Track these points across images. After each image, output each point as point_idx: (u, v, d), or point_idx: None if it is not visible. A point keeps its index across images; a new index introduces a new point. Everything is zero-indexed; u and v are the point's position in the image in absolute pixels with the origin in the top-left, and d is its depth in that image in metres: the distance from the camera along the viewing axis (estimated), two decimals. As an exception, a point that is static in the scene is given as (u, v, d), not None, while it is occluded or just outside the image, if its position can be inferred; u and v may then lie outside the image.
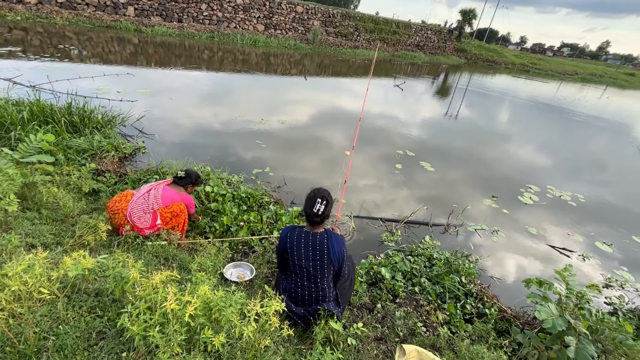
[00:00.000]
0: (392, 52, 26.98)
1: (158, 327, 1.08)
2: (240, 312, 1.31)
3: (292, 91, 10.80)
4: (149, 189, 2.55)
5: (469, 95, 15.30)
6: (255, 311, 1.27)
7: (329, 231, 1.94)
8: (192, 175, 2.80)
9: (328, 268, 1.89)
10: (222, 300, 1.24)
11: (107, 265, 1.38)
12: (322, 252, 1.85)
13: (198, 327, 1.20)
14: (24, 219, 2.13)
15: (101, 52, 11.55)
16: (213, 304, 1.22)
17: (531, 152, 8.02)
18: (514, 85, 22.60)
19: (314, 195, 1.86)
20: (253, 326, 1.23)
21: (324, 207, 1.82)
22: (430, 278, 3.06)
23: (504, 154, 7.44)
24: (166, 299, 1.15)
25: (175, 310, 1.13)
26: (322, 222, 1.89)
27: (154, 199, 2.49)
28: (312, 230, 1.90)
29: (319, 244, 1.86)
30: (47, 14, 14.83)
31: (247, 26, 21.10)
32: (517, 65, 37.57)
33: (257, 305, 1.29)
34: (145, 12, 17.81)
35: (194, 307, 1.14)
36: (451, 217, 4.30)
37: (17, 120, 3.96)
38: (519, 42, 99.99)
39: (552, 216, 4.81)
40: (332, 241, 1.89)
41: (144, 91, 7.50)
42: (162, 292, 1.17)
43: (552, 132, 10.87)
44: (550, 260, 3.83)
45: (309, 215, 1.85)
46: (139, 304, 1.13)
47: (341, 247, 1.92)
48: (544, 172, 6.63)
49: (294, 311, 1.83)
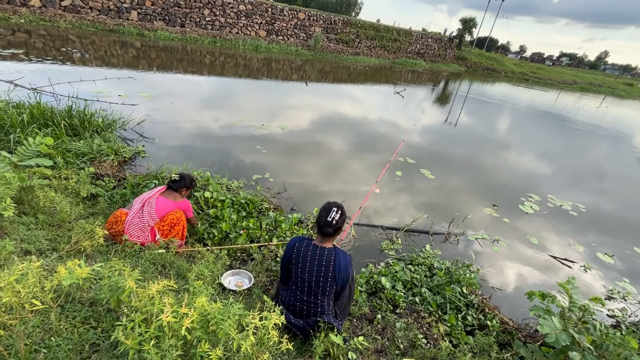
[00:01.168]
0: (392, 59, 27.16)
1: (153, 341, 1.04)
2: (239, 324, 1.28)
3: (293, 97, 10.82)
4: (142, 204, 2.47)
5: (469, 102, 15.36)
6: (254, 324, 1.23)
7: (337, 248, 1.90)
8: (185, 178, 2.74)
9: (330, 286, 1.84)
10: (219, 313, 1.21)
11: (102, 274, 1.34)
12: (327, 269, 1.81)
13: (195, 341, 1.17)
14: (19, 224, 2.10)
15: (104, 56, 11.59)
16: (210, 317, 1.18)
17: (531, 160, 8.02)
18: (513, 93, 22.74)
19: (329, 205, 1.85)
20: (252, 340, 1.20)
21: (339, 217, 1.79)
22: (431, 288, 3.02)
23: (504, 162, 7.43)
24: (162, 311, 1.11)
25: (171, 323, 1.09)
26: (334, 235, 1.85)
27: (148, 216, 2.43)
28: (321, 244, 1.86)
29: (326, 260, 1.82)
30: (50, 17, 14.92)
31: (249, 32, 21.25)
32: (517, 74, 37.85)
33: (257, 318, 1.26)
34: (148, 16, 17.93)
35: (190, 320, 1.11)
36: (452, 225, 4.27)
37: (17, 123, 3.95)
38: (519, 51, 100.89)
39: (553, 226, 4.79)
40: (339, 258, 1.84)
41: (145, 95, 7.51)
42: (158, 303, 1.14)
43: (552, 140, 10.90)
44: (551, 271, 3.80)
45: (323, 225, 1.81)
46: (134, 316, 1.10)
47: (347, 267, 1.87)
48: (544, 180, 6.62)
49: (292, 322, 1.80)
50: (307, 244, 1.86)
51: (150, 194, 2.54)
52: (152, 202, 2.48)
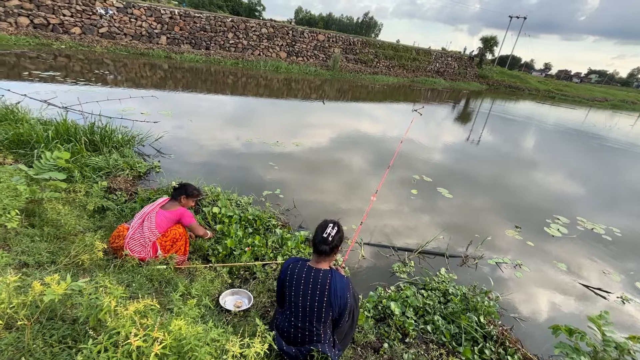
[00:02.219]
0: (411, 78, 27.19)
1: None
2: (220, 350, 1.18)
3: (309, 115, 10.93)
4: (142, 219, 2.45)
5: (492, 120, 14.97)
6: (233, 352, 1.13)
7: (334, 271, 1.76)
8: (185, 186, 2.70)
9: (326, 313, 1.70)
10: (196, 338, 1.12)
11: (85, 290, 1.29)
12: (322, 293, 1.68)
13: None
14: (24, 236, 2.13)
15: (134, 77, 12.28)
16: (185, 342, 1.10)
17: (559, 180, 7.57)
18: (538, 111, 22.00)
19: (325, 222, 1.76)
20: (229, 370, 1.09)
21: (335, 233, 1.69)
22: (444, 316, 2.79)
23: (528, 182, 7.05)
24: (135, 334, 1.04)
25: (141, 347, 1.01)
26: (331, 254, 1.73)
27: (148, 231, 2.40)
28: (317, 265, 1.75)
29: (321, 283, 1.69)
30: (88, 43, 16.12)
31: (270, 53, 22.02)
32: (542, 92, 36.78)
33: (236, 346, 1.15)
34: (176, 40, 19.02)
35: (162, 345, 1.03)
36: (470, 248, 4.01)
37: (42, 139, 4.15)
38: (544, 68, 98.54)
39: (583, 251, 4.40)
40: (334, 282, 1.70)
41: (167, 112, 7.80)
42: (128, 325, 1.06)
43: (582, 159, 10.31)
44: (583, 301, 3.45)
45: (318, 242, 1.70)
46: (102, 339, 1.03)
47: (345, 292, 1.72)
48: (573, 202, 6.20)
49: (284, 350, 1.67)
50: (301, 265, 1.74)
51: (151, 207, 2.53)
52: (152, 216, 2.45)
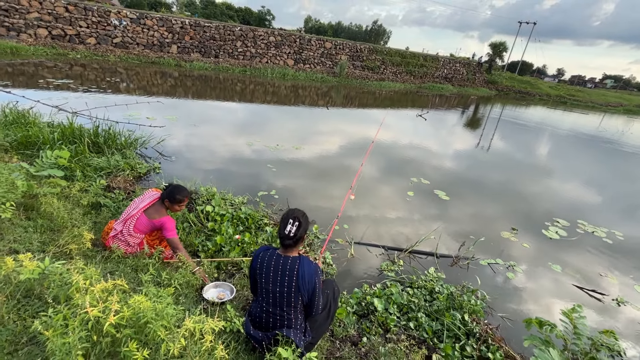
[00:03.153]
0: (418, 84, 27.19)
1: (76, 334, 1.03)
2: (177, 325, 1.24)
3: (312, 120, 11.06)
4: (125, 220, 2.47)
5: (492, 123, 14.82)
6: (186, 327, 1.19)
7: (302, 257, 1.83)
8: (173, 190, 2.59)
9: (296, 297, 1.76)
10: (153, 312, 1.18)
11: (58, 271, 1.38)
12: (290, 279, 1.74)
13: (124, 340, 1.14)
14: (19, 227, 2.26)
15: (145, 85, 12.67)
16: (142, 315, 1.16)
17: (563, 184, 7.44)
18: (546, 115, 21.65)
19: (287, 216, 1.79)
20: (182, 343, 1.15)
21: (296, 229, 1.73)
22: (429, 313, 2.80)
23: (530, 186, 6.95)
24: (93, 305, 1.11)
25: (98, 318, 1.09)
26: (295, 245, 1.80)
27: (128, 235, 2.43)
28: (285, 253, 1.81)
29: (289, 270, 1.75)
30: (102, 52, 16.74)
31: (277, 61, 22.41)
32: (553, 97, 36.21)
33: (190, 321, 1.22)
34: (186, 49, 19.57)
35: (118, 316, 1.10)
36: (462, 249, 3.99)
37: (49, 140, 4.36)
38: (556, 74, 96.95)
39: (581, 254, 4.32)
40: (302, 268, 1.76)
41: (171, 117, 8.03)
42: (89, 298, 1.14)
43: (589, 163, 10.10)
44: (576, 303, 3.37)
45: (281, 237, 1.78)
46: (62, 309, 1.11)
47: (313, 277, 1.77)
48: (576, 205, 6.08)
49: (251, 334, 1.72)
50: (271, 253, 1.81)
51: (136, 208, 2.52)
52: (133, 221, 2.46)
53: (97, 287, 1.28)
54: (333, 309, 2.11)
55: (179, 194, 2.65)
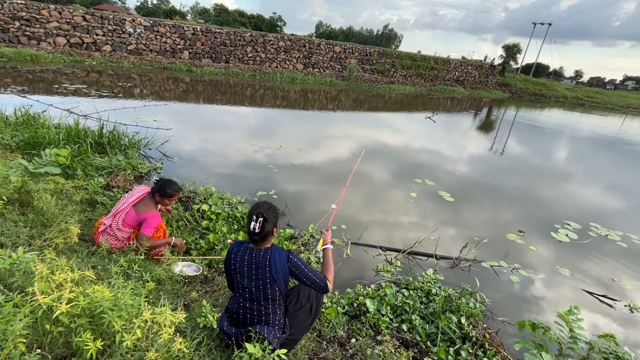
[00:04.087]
0: (429, 87, 26.90)
1: (25, 321, 1.01)
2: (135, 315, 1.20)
3: (318, 123, 11.04)
4: (116, 212, 2.48)
5: (509, 127, 14.45)
6: (143, 319, 1.15)
7: (273, 246, 1.79)
8: (164, 184, 2.61)
9: (272, 288, 1.71)
10: (111, 303, 1.15)
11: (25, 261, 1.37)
12: (264, 271, 1.70)
13: (79, 329, 1.11)
14: (8, 220, 2.29)
15: (158, 90, 12.96)
16: (98, 305, 1.13)
17: (576, 186, 7.15)
18: (563, 117, 21.01)
19: (251, 213, 1.73)
20: (137, 335, 1.11)
21: (260, 225, 1.68)
22: (423, 316, 2.69)
23: (541, 187, 6.70)
24: (47, 293, 1.09)
25: (51, 306, 1.06)
26: (264, 240, 1.75)
27: (117, 230, 2.44)
28: (257, 246, 1.77)
29: (261, 262, 1.71)
30: (117, 59, 17.26)
31: (287, 65, 22.60)
32: (570, 99, 35.20)
33: (148, 312, 1.18)
34: (197, 55, 19.97)
35: (71, 305, 1.07)
36: (464, 250, 3.85)
37: (54, 140, 4.47)
38: (574, 76, 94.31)
39: (593, 257, 4.11)
40: (274, 257, 1.72)
41: (178, 120, 8.16)
42: (43, 286, 1.12)
43: (607, 165, 9.70)
44: (585, 308, 3.19)
45: (249, 233, 1.74)
46: (14, 296, 1.09)
47: (285, 262, 1.73)
48: (589, 208, 5.82)
49: (224, 330, 1.67)
50: (244, 248, 1.77)
51: (125, 203, 2.55)
52: (121, 216, 2.47)
53: (59, 277, 1.26)
54: (316, 307, 2.04)
55: (170, 188, 2.65)
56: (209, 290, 2.49)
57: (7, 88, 9.42)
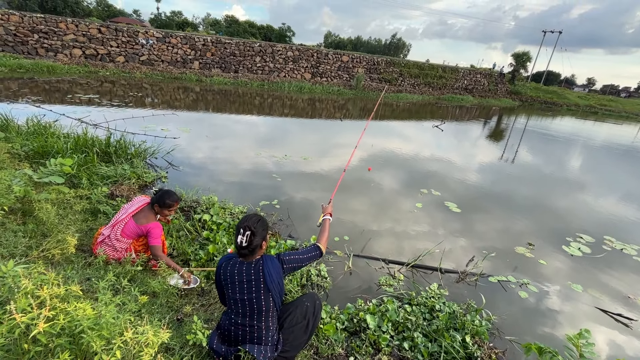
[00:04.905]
0: (437, 96, 26.78)
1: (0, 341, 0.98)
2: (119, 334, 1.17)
3: (324, 132, 11.04)
4: (115, 223, 2.49)
5: (519, 135, 14.21)
6: (123, 339, 1.12)
7: (264, 256, 1.76)
8: (163, 195, 2.63)
9: (266, 300, 1.67)
10: (92, 322, 1.12)
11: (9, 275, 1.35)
12: (257, 281, 1.66)
13: (57, 350, 1.08)
14: (8, 230, 2.30)
15: (168, 100, 13.21)
16: (76, 323, 1.10)
17: (589, 197, 6.92)
18: (575, 125, 20.59)
19: (239, 226, 1.69)
20: (117, 356, 1.07)
21: (247, 239, 1.64)
22: (426, 333, 2.58)
23: (552, 198, 6.51)
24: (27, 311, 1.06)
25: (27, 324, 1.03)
26: (252, 254, 1.71)
27: (115, 240, 2.44)
28: (246, 260, 1.73)
29: (254, 272, 1.68)
30: (129, 69, 17.71)
31: (295, 75, 22.83)
32: (582, 107, 34.58)
33: (130, 332, 1.14)
34: (207, 65, 20.36)
35: (49, 324, 1.04)
36: (471, 264, 3.72)
37: (62, 149, 4.55)
38: (586, 84, 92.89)
39: (607, 273, 3.93)
40: (267, 266, 1.70)
41: (185, 129, 8.26)
42: (23, 303, 1.09)
43: (622, 175, 9.40)
44: (599, 328, 3.04)
45: (237, 247, 1.70)
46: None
47: (278, 268, 1.72)
48: (602, 220, 5.61)
49: (214, 348, 1.62)
50: (234, 262, 1.73)
51: (124, 213, 2.55)
52: (121, 226, 2.48)
53: (44, 292, 1.23)
54: (312, 324, 1.98)
55: (169, 199, 2.66)
56: (205, 303, 2.44)
57: (24, 98, 9.72)
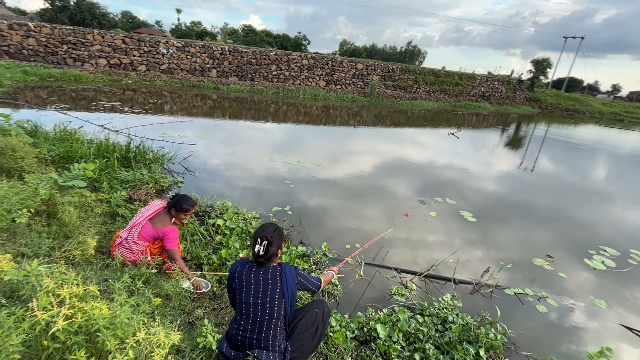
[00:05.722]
0: (453, 103, 26.44)
1: (21, 338, 1.04)
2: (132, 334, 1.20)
3: (338, 139, 11.07)
4: (132, 226, 2.57)
5: (539, 143, 13.81)
6: (136, 339, 1.15)
7: (282, 264, 1.80)
8: (179, 200, 2.71)
9: (279, 305, 1.70)
10: (108, 321, 1.16)
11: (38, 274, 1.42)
12: (274, 286, 1.72)
13: (74, 347, 1.13)
14: (33, 232, 2.42)
15: (186, 107, 13.59)
16: (93, 322, 1.14)
17: (615, 209, 6.64)
18: (600, 133, 19.85)
19: (256, 235, 1.76)
20: (129, 356, 1.11)
21: (264, 248, 1.70)
22: (438, 345, 2.53)
23: (575, 209, 6.28)
24: (46, 308, 1.11)
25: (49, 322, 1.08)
26: (269, 262, 1.77)
27: (132, 243, 2.51)
28: (261, 267, 1.77)
29: (271, 278, 1.73)
30: (150, 77, 18.38)
31: (310, 83, 23.08)
32: (607, 115, 33.34)
33: (142, 333, 1.17)
34: (225, 73, 20.88)
35: (68, 322, 1.08)
36: (486, 275, 3.63)
37: (85, 155, 4.75)
38: (611, 90, 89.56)
39: (633, 288, 3.74)
40: (285, 273, 1.76)
41: (202, 135, 8.47)
42: (44, 301, 1.15)
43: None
44: (622, 346, 2.89)
45: (254, 256, 1.75)
46: (16, 310, 1.12)
47: (295, 276, 1.80)
48: (629, 233, 5.36)
49: (223, 352, 1.64)
50: (249, 266, 1.77)
51: (141, 217, 2.64)
52: (137, 229, 2.56)
53: (64, 291, 1.29)
54: (321, 330, 1.98)
55: (185, 203, 2.74)
56: (217, 307, 2.48)
57: (52, 105, 10.22)
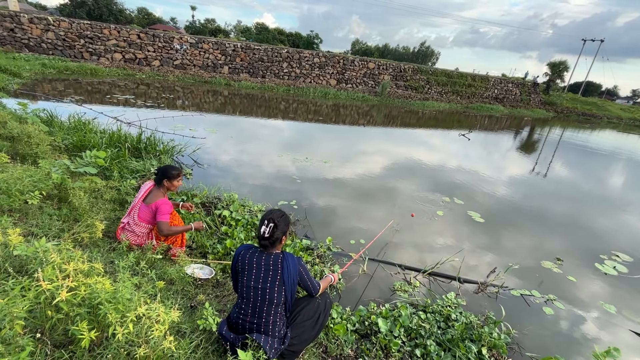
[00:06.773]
0: (465, 105, 26.08)
1: (26, 306, 1.06)
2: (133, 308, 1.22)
3: (347, 137, 11.03)
4: (130, 209, 2.61)
5: (554, 147, 13.52)
6: (137, 313, 1.17)
7: (285, 252, 1.81)
8: (165, 170, 2.66)
9: (279, 292, 1.71)
10: (110, 295, 1.18)
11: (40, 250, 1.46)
12: (275, 272, 1.72)
13: (77, 318, 1.15)
14: (44, 214, 2.49)
15: (198, 102, 13.76)
16: (95, 295, 1.17)
17: (629, 213, 6.45)
18: (616, 138, 19.30)
19: (263, 217, 1.79)
20: (129, 329, 1.13)
21: (270, 230, 1.73)
22: (440, 342, 2.50)
23: (587, 214, 6.13)
24: (51, 279, 1.14)
25: (52, 291, 1.11)
26: (273, 246, 1.78)
27: (134, 225, 2.55)
28: (266, 251, 1.78)
29: (273, 264, 1.74)
30: (164, 73, 18.64)
31: (321, 81, 23.07)
32: (625, 120, 32.41)
33: (142, 307, 1.19)
34: (236, 70, 21.04)
35: (71, 293, 1.11)
36: (492, 275, 3.57)
37: (97, 144, 4.85)
38: (631, 95, 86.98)
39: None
40: (287, 261, 1.77)
41: (212, 129, 8.55)
42: (49, 273, 1.18)
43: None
44: (632, 351, 2.81)
45: (258, 238, 1.76)
46: (23, 280, 1.15)
47: (297, 266, 1.80)
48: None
49: (223, 334, 1.66)
50: (253, 251, 1.79)
51: (136, 200, 2.66)
52: (136, 211, 2.60)
53: (70, 266, 1.32)
54: (322, 320, 1.98)
55: (173, 170, 2.74)
56: (219, 294, 2.50)
57: (68, 97, 10.47)
